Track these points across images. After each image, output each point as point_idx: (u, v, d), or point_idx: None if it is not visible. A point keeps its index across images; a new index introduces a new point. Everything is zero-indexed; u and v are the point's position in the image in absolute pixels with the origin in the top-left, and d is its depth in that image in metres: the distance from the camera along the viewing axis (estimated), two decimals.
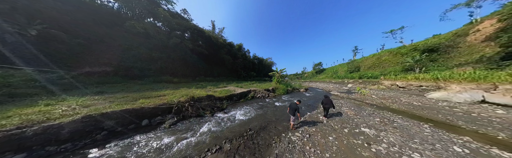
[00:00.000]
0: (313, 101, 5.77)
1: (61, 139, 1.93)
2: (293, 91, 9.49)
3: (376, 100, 5.45)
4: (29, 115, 2.05)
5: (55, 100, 2.87)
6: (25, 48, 4.80)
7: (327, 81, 20.59)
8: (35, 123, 1.85)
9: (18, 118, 1.89)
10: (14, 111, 2.16)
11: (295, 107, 2.45)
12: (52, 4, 6.10)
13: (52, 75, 4.24)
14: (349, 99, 6.01)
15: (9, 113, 2.08)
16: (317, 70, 36.55)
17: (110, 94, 3.83)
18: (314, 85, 16.04)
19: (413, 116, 3.49)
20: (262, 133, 2.53)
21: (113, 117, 2.43)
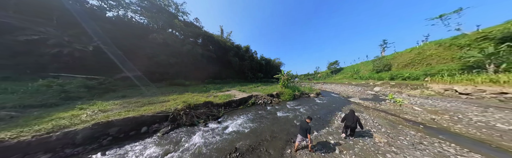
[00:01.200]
0: (325, 112, 4.68)
1: (76, 143, 2.31)
2: (302, 96, 8.30)
3: (422, 115, 3.78)
4: (61, 120, 2.58)
5: (88, 104, 3.59)
6: (84, 61, 6.51)
7: (345, 82, 17.35)
8: (60, 128, 2.29)
9: (51, 123, 2.39)
10: (56, 115, 2.80)
11: (306, 127, 2.05)
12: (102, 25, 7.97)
13: (96, 81, 5.48)
14: (376, 111, 4.49)
15: (52, 116, 2.71)
16: (332, 70, 31.73)
17: (128, 99, 4.51)
18: (329, 88, 13.74)
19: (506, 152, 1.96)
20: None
21: (117, 124, 2.75)
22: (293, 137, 2.73)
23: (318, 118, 4.06)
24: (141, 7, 9.52)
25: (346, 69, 28.75)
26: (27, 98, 3.46)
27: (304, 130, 2.06)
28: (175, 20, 10.12)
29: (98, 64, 7.07)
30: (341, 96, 8.56)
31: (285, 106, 5.72)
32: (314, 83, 21.48)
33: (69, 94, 4.08)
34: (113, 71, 7.46)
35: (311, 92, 9.00)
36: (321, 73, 36.51)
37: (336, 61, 31.89)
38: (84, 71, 6.30)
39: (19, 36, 5.42)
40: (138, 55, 8.82)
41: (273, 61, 26.71)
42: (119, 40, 8.26)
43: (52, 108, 3.28)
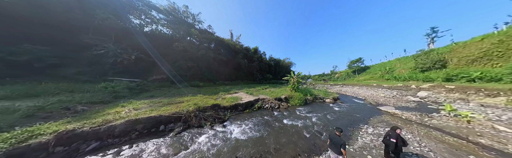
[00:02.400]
0: (344, 124, 3.88)
1: (114, 135, 2.94)
2: (315, 101, 7.30)
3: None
4: (108, 115, 3.37)
5: (127, 103, 4.55)
6: (129, 67, 8.43)
7: (373, 84, 13.76)
8: (107, 122, 3.00)
9: (102, 118, 3.15)
10: (106, 110, 3.69)
11: (339, 142, 1.75)
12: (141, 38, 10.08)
13: (135, 83, 6.93)
14: (424, 128, 3.27)
15: (104, 112, 3.59)
16: (355, 69, 26.54)
17: (154, 99, 5.41)
18: (350, 92, 11.49)
19: None
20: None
21: (143, 122, 3.31)
22: (302, 153, 2.39)
23: (333, 131, 3.37)
24: (167, 21, 11.47)
25: (374, 68, 23.82)
26: (93, 96, 4.77)
27: (337, 145, 1.73)
28: (192, 29, 11.56)
29: (137, 69, 8.97)
30: (367, 103, 6.90)
31: (295, 113, 5.13)
32: (330, 85, 18.64)
33: (117, 93, 5.34)
34: (147, 75, 9.25)
35: (327, 96, 7.80)
36: (340, 73, 31.45)
37: (360, 58, 26.28)
38: (129, 75, 8.13)
39: (93, 51, 7.67)
40: (165, 61, 10.56)
41: (283, 61, 25.57)
42: (152, 50, 10.18)
43: (106, 104, 4.36)
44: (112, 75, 7.58)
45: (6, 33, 6.07)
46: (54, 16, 7.30)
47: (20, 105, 3.34)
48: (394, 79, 14.25)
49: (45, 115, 3.16)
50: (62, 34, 7.44)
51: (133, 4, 10.10)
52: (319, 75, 40.57)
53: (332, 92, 10.12)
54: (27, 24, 6.62)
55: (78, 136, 2.57)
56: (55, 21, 7.33)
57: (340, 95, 9.34)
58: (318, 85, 17.95)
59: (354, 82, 18.41)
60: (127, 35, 9.50)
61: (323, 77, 35.18)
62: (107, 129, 2.85)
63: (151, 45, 10.05)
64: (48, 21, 7.14)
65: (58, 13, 7.32)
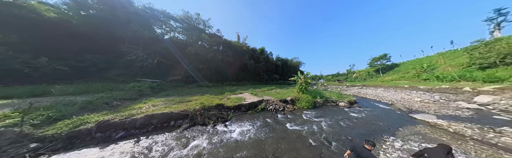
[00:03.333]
0: (361, 134, 3.25)
1: (136, 127, 3.54)
2: (326, 104, 6.57)
3: None
4: (133, 110, 4.09)
5: (148, 100, 5.39)
6: (152, 70, 9.98)
7: (403, 86, 11.07)
8: (131, 116, 3.66)
9: (127, 112, 3.86)
10: (132, 106, 4.49)
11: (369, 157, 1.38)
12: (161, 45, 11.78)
13: (156, 83, 8.12)
14: (490, 149, 2.35)
15: (130, 107, 4.38)
16: (378, 67, 22.42)
17: (169, 97, 6.18)
18: (372, 94, 9.96)
19: None
20: None
21: (157, 117, 3.86)
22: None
23: (346, 141, 2.85)
24: (183, 28, 13.04)
25: (405, 66, 19.72)
26: (125, 94, 5.87)
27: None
28: (202, 34, 12.72)
29: (159, 71, 10.50)
30: (395, 109, 5.72)
31: (301, 116, 4.72)
32: (346, 86, 16.49)
33: (142, 92, 6.39)
34: (166, 76, 10.68)
35: (341, 99, 6.95)
36: (359, 73, 27.27)
37: (385, 55, 22.20)
38: (151, 76, 9.60)
39: (127, 57, 9.50)
40: (180, 64, 11.95)
41: (291, 61, 24.55)
42: (170, 54, 11.74)
43: (133, 101, 5.30)
44: (140, 76, 9.15)
45: (74, 46, 8.29)
46: (103, 31, 9.49)
47: (79, 99, 4.47)
48: (436, 79, 11.31)
49: (92, 107, 4.11)
50: (108, 44, 9.56)
51: (156, 17, 12.03)
52: (332, 75, 36.55)
53: (347, 94, 8.90)
54: (87, 38, 8.84)
55: (111, 126, 3.23)
56: (103, 35, 9.51)
57: (358, 99, 8.21)
58: (331, 86, 16.25)
59: (377, 83, 15.85)
60: (152, 42, 11.34)
61: (338, 77, 31.29)
62: (131, 121, 3.46)
63: (170, 50, 11.62)
64: (99, 35, 9.35)
65: (105, 28, 9.51)
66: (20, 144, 2.37)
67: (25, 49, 6.64)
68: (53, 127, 2.82)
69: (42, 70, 6.44)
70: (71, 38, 8.28)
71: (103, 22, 9.39)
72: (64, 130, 2.74)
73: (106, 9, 9.53)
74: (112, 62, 9.11)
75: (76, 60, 7.91)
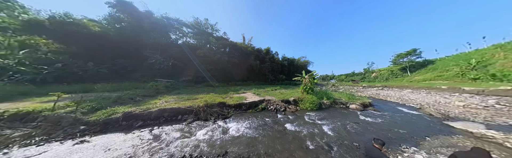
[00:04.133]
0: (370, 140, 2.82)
1: (151, 119, 4.22)
2: (334, 106, 6.07)
3: None
4: (150, 104, 4.88)
5: (162, 97, 6.26)
6: (167, 71, 11.41)
7: (441, 87, 8.99)
8: (147, 109, 4.39)
9: (145, 106, 4.64)
10: (149, 102, 5.33)
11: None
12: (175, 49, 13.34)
13: (170, 83, 9.27)
14: None
15: (148, 102, 5.21)
16: (404, 65, 18.96)
17: (180, 95, 6.99)
18: (395, 96, 8.65)
19: None
20: None
21: (168, 111, 4.49)
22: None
23: (351, 148, 2.48)
24: (193, 33, 14.48)
25: (443, 62, 16.21)
26: (145, 91, 6.96)
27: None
28: (210, 38, 13.81)
29: (173, 72, 11.90)
30: (424, 114, 4.75)
31: (302, 117, 4.48)
32: (363, 88, 14.68)
33: (158, 90, 7.44)
34: (179, 76, 12.00)
35: (352, 101, 6.33)
36: (379, 72, 23.73)
37: (414, 50, 18.43)
38: (167, 77, 10.97)
39: (149, 61, 11.17)
40: (190, 66, 13.24)
41: (297, 60, 23.68)
42: (182, 57, 13.16)
43: (150, 97, 6.24)
44: (158, 77, 10.61)
45: (111, 53, 10.31)
46: (131, 40, 11.47)
47: (112, 95, 5.60)
48: (491, 78, 9.05)
49: (121, 101, 5.09)
50: (134, 51, 11.47)
51: (171, 24, 13.77)
52: (346, 75, 33.06)
53: (362, 96, 8.06)
54: (119, 46, 10.85)
55: (133, 116, 3.97)
56: (131, 43, 11.47)
57: (376, 101, 7.32)
58: (345, 87, 14.86)
59: (403, 84, 13.49)
60: (167, 47, 13.00)
61: (352, 78, 27.99)
62: (147, 114, 4.16)
63: (183, 53, 13.04)
64: (128, 43, 11.33)
65: (133, 37, 11.47)
66: (74, 126, 3.23)
67: (79, 57, 8.71)
68: (94, 115, 3.69)
69: (89, 73, 8.30)
70: (109, 47, 10.37)
71: (131, 32, 11.40)
72: (101, 118, 3.56)
73: (133, 21, 11.54)
74: (137, 65, 10.90)
75: (112, 64, 9.84)
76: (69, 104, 3.97)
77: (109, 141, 2.88)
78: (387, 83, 15.15)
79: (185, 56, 13.06)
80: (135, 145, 2.75)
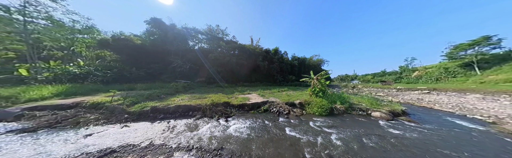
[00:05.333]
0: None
1: (169, 113, 5.27)
2: (350, 112, 5.08)
3: None
4: (170, 101, 6.06)
5: (180, 95, 7.51)
6: (185, 73, 13.47)
7: None
8: (166, 105, 5.51)
9: (166, 102, 5.81)
10: (170, 99, 6.60)
11: None
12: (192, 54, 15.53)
13: (187, 83, 10.93)
14: None
15: (169, 99, 6.48)
16: (470, 60, 13.36)
17: (193, 94, 8.15)
18: (451, 103, 6.38)
19: None
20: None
21: (182, 107, 5.46)
22: None
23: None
24: (206, 39, 16.45)
25: None
26: (168, 90, 8.58)
27: None
28: (220, 42, 15.30)
29: (190, 74, 13.88)
30: (500, 131, 3.15)
31: (306, 123, 4.05)
32: (398, 91, 11.80)
33: (177, 90, 8.98)
34: (194, 78, 13.87)
35: (377, 107, 5.09)
36: (425, 70, 18.06)
37: (488, 37, 12.57)
38: (185, 78, 12.93)
39: (172, 65, 13.57)
40: (204, 68, 15.02)
41: (310, 59, 22.13)
42: (197, 61, 15.14)
43: (171, 95, 7.64)
44: (178, 78, 12.71)
45: (147, 59, 13.24)
46: (160, 49, 14.30)
47: (145, 93, 7.29)
48: None
49: (151, 98, 6.56)
50: (162, 57, 14.22)
51: (189, 33, 16.20)
52: (373, 75, 27.36)
53: (393, 101, 6.47)
54: (152, 54, 13.75)
55: (157, 110, 5.09)
56: (160, 51, 14.29)
57: (415, 109, 5.68)
58: (369, 89, 12.63)
59: (466, 86, 9.96)
60: (186, 53, 15.32)
61: (382, 78, 22.58)
62: (167, 108, 5.22)
63: (198, 58, 15.03)
64: (158, 51, 14.18)
65: (161, 46, 14.29)
66: (122, 114, 4.55)
67: (127, 63, 11.73)
68: (133, 107, 5.02)
69: (133, 75, 11.03)
70: (145, 55, 13.38)
71: (160, 42, 14.27)
72: (137, 110, 4.81)
73: (162, 33, 14.43)
74: (164, 69, 13.46)
75: (147, 68, 12.64)
76: (120, 99, 5.56)
77: (140, 127, 3.90)
78: (437, 85, 11.51)
79: (200, 59, 14.98)
80: (155, 132, 3.60)
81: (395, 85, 15.01)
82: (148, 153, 2.62)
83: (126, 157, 2.50)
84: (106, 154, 2.54)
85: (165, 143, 3.01)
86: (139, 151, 2.70)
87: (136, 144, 2.95)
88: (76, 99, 5.78)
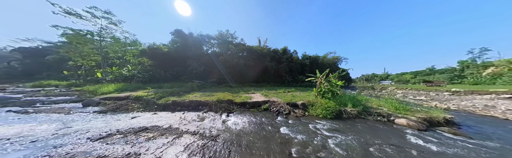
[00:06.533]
0: None
1: (184, 106, 6.54)
2: (364, 116, 4.37)
3: None
4: (185, 97, 7.47)
5: (194, 93, 9.01)
6: (200, 74, 15.59)
7: None
8: (183, 100, 6.84)
9: (183, 98, 7.20)
10: (186, 95, 8.07)
11: None
12: (206, 57, 17.79)
13: (201, 83, 12.72)
14: None
15: (185, 96, 7.95)
16: None
17: (204, 92, 9.47)
18: None
19: None
20: None
21: (194, 102, 6.65)
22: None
23: None
24: (217, 43, 18.45)
25: None
26: (185, 89, 10.35)
27: None
28: (230, 45, 16.83)
29: (204, 75, 15.93)
30: None
31: (305, 125, 3.85)
32: (454, 95, 8.52)
33: (193, 88, 10.70)
34: (207, 78, 15.79)
35: (403, 113, 4.13)
36: (507, 66, 12.39)
37: None
38: (199, 79, 14.98)
39: (190, 68, 16.06)
40: (215, 69, 16.86)
41: (323, 57, 20.51)
42: (210, 63, 17.19)
43: (187, 93, 9.21)
44: (194, 79, 14.88)
45: (171, 64, 16.24)
46: (181, 54, 17.22)
47: (168, 90, 9.16)
48: None
49: (173, 94, 8.23)
50: (182, 61, 17.04)
51: (204, 39, 18.68)
52: (414, 73, 21.90)
53: (438, 107, 5.31)
54: (175, 59, 16.74)
55: (176, 103, 6.44)
56: (181, 56, 17.18)
57: (477, 120, 4.22)
58: (406, 92, 10.30)
59: None
60: (201, 56, 17.70)
61: (426, 77, 17.66)
62: (183, 102, 6.50)
63: (210, 60, 17.09)
64: (180, 57, 17.11)
65: (182, 52, 17.19)
66: (152, 105, 6.13)
67: (157, 67, 14.87)
68: (160, 100, 6.58)
69: (162, 77, 13.87)
70: (170, 60, 16.46)
71: (181, 49, 17.22)
72: (162, 102, 6.30)
73: (183, 41, 17.41)
74: (184, 71, 16.09)
75: (172, 71, 15.52)
76: (152, 94, 7.38)
77: (164, 115, 5.20)
78: None
79: (212, 62, 16.96)
80: (173, 119, 4.74)
81: (449, 86, 11.29)
82: (167, 132, 3.63)
83: (153, 133, 3.57)
84: (142, 130, 3.73)
85: (179, 127, 3.99)
86: (161, 130, 3.78)
87: (160, 126, 4.07)
88: (127, 93, 8.11)
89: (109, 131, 3.56)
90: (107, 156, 2.26)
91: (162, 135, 3.45)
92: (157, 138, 3.24)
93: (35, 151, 2.28)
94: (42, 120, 4.04)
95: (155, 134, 3.47)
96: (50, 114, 4.67)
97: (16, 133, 3.05)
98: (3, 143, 2.59)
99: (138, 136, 3.36)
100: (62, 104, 6.48)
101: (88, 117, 4.56)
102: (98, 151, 2.41)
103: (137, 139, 3.18)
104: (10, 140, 2.69)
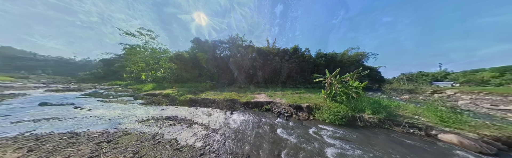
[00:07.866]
0: None
1: (198, 102, 7.85)
2: (388, 126, 3.66)
3: None
4: (199, 95, 8.93)
5: (207, 92, 10.56)
6: (213, 76, 17.63)
7: None
8: (197, 97, 8.25)
9: (198, 96, 8.65)
10: (200, 94, 9.60)
11: None
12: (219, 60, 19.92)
13: (213, 84, 14.47)
14: None
15: (200, 94, 9.47)
16: None
17: (215, 92, 10.75)
18: None
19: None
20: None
21: (206, 100, 7.87)
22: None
23: None
24: (229, 47, 20.27)
25: None
26: (201, 88, 12.16)
27: None
28: (239, 48, 18.14)
29: (216, 76, 17.93)
30: None
31: (306, 129, 3.59)
32: None
33: (206, 88, 12.42)
34: (219, 79, 17.64)
35: (455, 126, 3.03)
36: None
37: None
38: (212, 80, 16.98)
39: (205, 70, 18.49)
40: (226, 71, 18.56)
41: (343, 54, 18.19)
42: (222, 65, 19.10)
43: (202, 92, 10.80)
44: (208, 80, 17.02)
45: (191, 67, 19.24)
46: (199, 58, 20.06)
47: (188, 89, 11.10)
48: None
49: (190, 92, 9.97)
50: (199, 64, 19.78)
51: (217, 44, 20.97)
52: (497, 70, 14.86)
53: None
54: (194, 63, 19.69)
55: (193, 100, 7.85)
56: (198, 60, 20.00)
57: None
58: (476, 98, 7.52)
59: None
60: (214, 60, 19.98)
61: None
62: (197, 100, 7.83)
63: (222, 63, 19.02)
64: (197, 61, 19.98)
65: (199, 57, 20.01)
66: (175, 101, 7.80)
67: (181, 70, 18.00)
68: (181, 97, 8.22)
69: (184, 78, 16.73)
70: (190, 64, 19.53)
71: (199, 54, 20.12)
72: (182, 99, 7.86)
73: (200, 47, 20.32)
74: (200, 73, 18.67)
75: (192, 72, 18.38)
76: (175, 92, 9.29)
77: (182, 109, 6.59)
78: None
79: (224, 64, 18.80)
80: (189, 113, 5.97)
81: None
82: (182, 121, 4.73)
83: (173, 121, 4.76)
84: (166, 118, 5.05)
85: (191, 119, 5.06)
86: (179, 119, 4.95)
87: (179, 117, 5.30)
88: (159, 91, 10.54)
89: (147, 117, 5.11)
90: (145, 133, 3.50)
91: (179, 123, 4.57)
92: (176, 125, 4.37)
93: (110, 125, 4.09)
94: (113, 107, 6.48)
95: (175, 122, 4.63)
96: (118, 103, 7.35)
97: (101, 114, 5.31)
98: (97, 119, 4.66)
99: (164, 122, 4.63)
100: (122, 97, 9.74)
101: (136, 106, 6.81)
102: (140, 129, 3.79)
103: (163, 124, 4.42)
104: (98, 118, 4.73)
